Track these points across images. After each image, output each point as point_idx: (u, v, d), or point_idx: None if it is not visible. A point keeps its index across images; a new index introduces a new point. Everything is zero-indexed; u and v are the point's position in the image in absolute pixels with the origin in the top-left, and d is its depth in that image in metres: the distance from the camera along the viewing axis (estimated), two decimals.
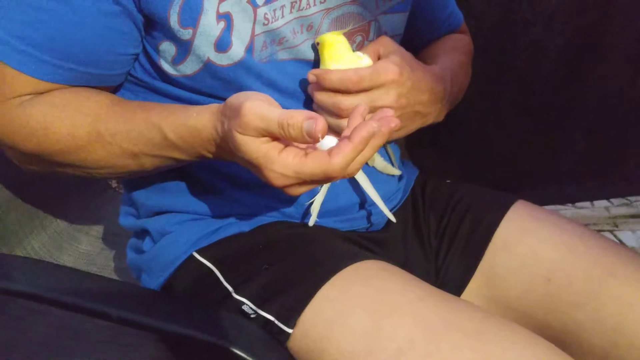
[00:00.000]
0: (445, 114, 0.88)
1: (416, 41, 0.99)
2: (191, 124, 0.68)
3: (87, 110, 0.71)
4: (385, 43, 0.80)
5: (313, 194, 0.80)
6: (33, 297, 0.73)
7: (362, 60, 0.77)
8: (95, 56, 0.70)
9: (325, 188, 0.80)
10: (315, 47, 0.78)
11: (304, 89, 0.79)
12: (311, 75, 0.74)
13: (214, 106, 0.68)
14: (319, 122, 0.58)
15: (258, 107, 0.61)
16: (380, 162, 0.86)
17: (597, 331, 0.76)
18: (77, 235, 1.13)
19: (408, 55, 0.80)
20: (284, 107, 0.66)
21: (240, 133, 0.61)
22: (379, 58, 0.79)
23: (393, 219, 0.85)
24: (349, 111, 0.72)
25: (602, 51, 1.76)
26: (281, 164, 0.61)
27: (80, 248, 1.12)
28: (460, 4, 1.11)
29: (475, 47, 1.67)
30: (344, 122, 0.73)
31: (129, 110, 0.72)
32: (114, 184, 1.49)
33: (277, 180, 0.63)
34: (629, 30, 1.74)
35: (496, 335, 0.65)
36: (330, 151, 0.61)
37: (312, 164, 0.61)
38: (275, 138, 0.62)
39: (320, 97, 0.75)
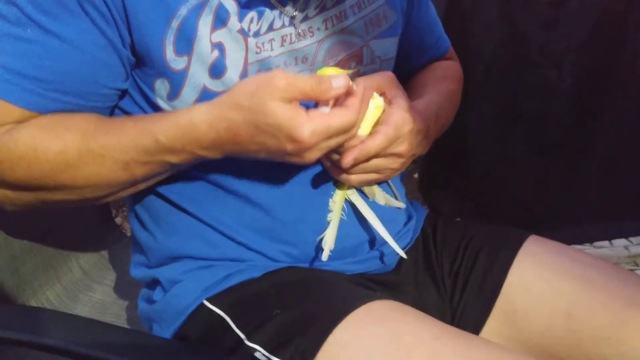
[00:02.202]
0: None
1: (406, 65, 1.01)
2: (183, 121, 0.69)
3: (75, 127, 0.71)
4: (388, 81, 0.80)
5: (322, 230, 0.80)
6: (48, 348, 0.73)
7: (375, 100, 0.77)
8: (79, 86, 0.72)
9: (335, 222, 0.80)
10: None
11: None
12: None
13: (207, 102, 0.70)
14: (345, 78, 0.67)
15: (288, 74, 0.66)
16: (381, 196, 0.86)
17: None
18: (91, 285, 1.13)
19: (406, 95, 0.81)
20: None
21: (274, 99, 0.65)
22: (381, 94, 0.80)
23: (402, 254, 0.84)
24: (366, 150, 0.75)
25: (613, 89, 1.76)
26: (312, 121, 0.66)
27: (94, 297, 1.12)
28: (469, 49, 1.13)
29: (485, 90, 1.68)
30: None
31: (117, 122, 0.73)
32: (128, 232, 1.49)
33: (310, 138, 0.66)
34: (638, 68, 1.74)
35: None
36: (345, 104, 0.68)
37: (337, 117, 0.67)
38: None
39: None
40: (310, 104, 0.70)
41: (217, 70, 0.73)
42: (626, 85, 1.76)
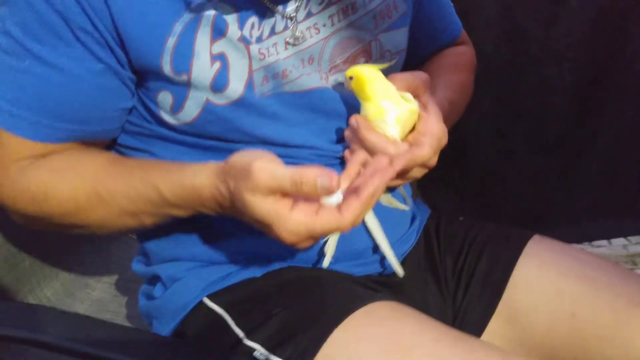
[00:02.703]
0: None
1: (416, 52, 0.98)
2: (188, 183, 0.68)
3: (86, 173, 0.72)
4: (422, 83, 0.77)
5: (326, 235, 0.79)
6: (46, 345, 0.73)
7: (410, 103, 0.75)
8: (85, 114, 0.71)
9: None
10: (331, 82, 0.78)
11: (308, 118, 0.78)
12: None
13: (213, 165, 0.68)
14: (334, 178, 0.59)
15: (269, 167, 0.61)
16: (385, 197, 0.84)
17: None
18: (89, 282, 1.13)
19: (434, 99, 0.79)
20: (290, 138, 0.67)
21: (251, 194, 0.62)
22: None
23: (400, 272, 0.83)
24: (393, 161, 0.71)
25: (613, 87, 1.76)
26: (294, 222, 0.62)
27: (92, 295, 1.11)
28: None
29: (486, 87, 1.67)
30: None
31: (127, 170, 0.72)
32: None
33: (289, 238, 0.63)
34: (638, 66, 1.74)
35: None
36: (339, 208, 0.62)
37: (324, 221, 0.62)
38: (284, 196, 0.63)
39: (370, 137, 0.74)
40: None
41: (218, 85, 0.71)
42: (626, 83, 1.76)
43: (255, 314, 0.75)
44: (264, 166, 0.61)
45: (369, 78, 0.74)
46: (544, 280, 0.84)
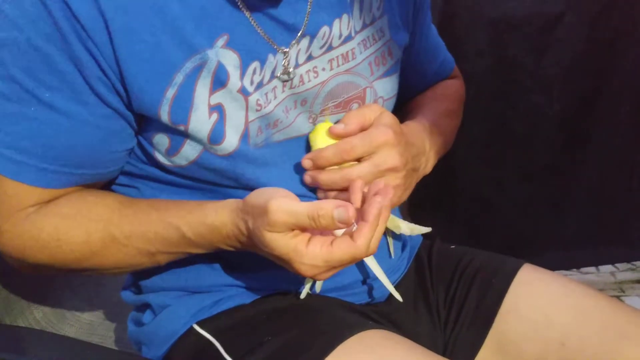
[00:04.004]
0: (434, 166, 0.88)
1: (409, 91, 0.99)
2: (210, 222, 0.68)
3: (98, 217, 0.71)
4: (365, 111, 0.77)
5: None
6: None
7: None
8: (91, 158, 0.70)
9: None
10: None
11: (297, 165, 0.78)
12: (306, 161, 0.74)
13: (232, 203, 0.68)
14: (350, 209, 0.61)
15: (285, 204, 0.62)
16: (405, 227, 0.83)
17: None
18: (79, 305, 1.12)
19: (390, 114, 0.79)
20: (280, 184, 0.68)
21: (269, 231, 0.63)
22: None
23: (399, 297, 0.82)
24: (361, 180, 0.72)
25: (600, 116, 1.78)
26: (311, 256, 0.63)
27: (82, 318, 1.11)
28: (460, 72, 1.13)
29: (476, 114, 1.68)
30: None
31: (141, 211, 0.72)
32: None
33: (308, 271, 0.64)
34: (626, 94, 1.77)
35: None
36: (352, 235, 0.63)
37: (340, 251, 0.63)
38: (301, 230, 0.64)
39: (326, 175, 0.74)
40: None
41: (215, 137, 0.70)
42: (613, 111, 1.78)
43: (245, 342, 0.75)
44: (281, 203, 0.62)
45: (317, 130, 0.76)
46: (534, 310, 0.84)
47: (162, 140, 0.71)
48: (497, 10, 1.64)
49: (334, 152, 0.73)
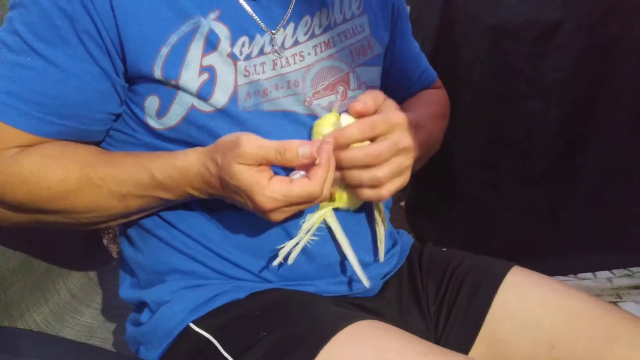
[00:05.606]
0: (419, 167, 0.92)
1: (393, 97, 1.01)
2: (179, 163, 0.75)
3: (77, 158, 0.76)
4: (375, 95, 0.83)
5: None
6: None
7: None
8: (74, 111, 0.76)
9: (302, 233, 0.79)
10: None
11: (284, 137, 0.79)
12: (328, 140, 0.76)
13: (201, 147, 0.76)
14: (313, 146, 0.71)
15: (255, 138, 0.71)
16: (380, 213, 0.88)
17: None
18: (78, 308, 1.13)
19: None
20: None
21: (238, 163, 0.70)
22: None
23: (366, 282, 0.84)
24: (382, 157, 0.76)
25: (598, 122, 1.79)
26: (271, 188, 0.70)
27: (81, 320, 1.11)
28: (458, 79, 1.14)
29: (474, 120, 1.69)
30: (377, 172, 0.77)
31: (118, 156, 0.79)
32: (114, 254, 1.48)
33: (267, 204, 0.71)
34: (624, 101, 1.77)
35: None
36: (308, 175, 0.72)
37: (298, 187, 0.71)
38: (267, 165, 0.72)
39: (350, 154, 0.77)
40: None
41: (204, 93, 0.76)
42: (611, 118, 1.79)
43: (242, 338, 0.76)
44: (251, 137, 0.71)
45: (320, 122, 0.81)
46: (524, 311, 0.85)
47: (152, 103, 0.77)
48: (496, 17, 1.65)
49: (359, 129, 0.78)
